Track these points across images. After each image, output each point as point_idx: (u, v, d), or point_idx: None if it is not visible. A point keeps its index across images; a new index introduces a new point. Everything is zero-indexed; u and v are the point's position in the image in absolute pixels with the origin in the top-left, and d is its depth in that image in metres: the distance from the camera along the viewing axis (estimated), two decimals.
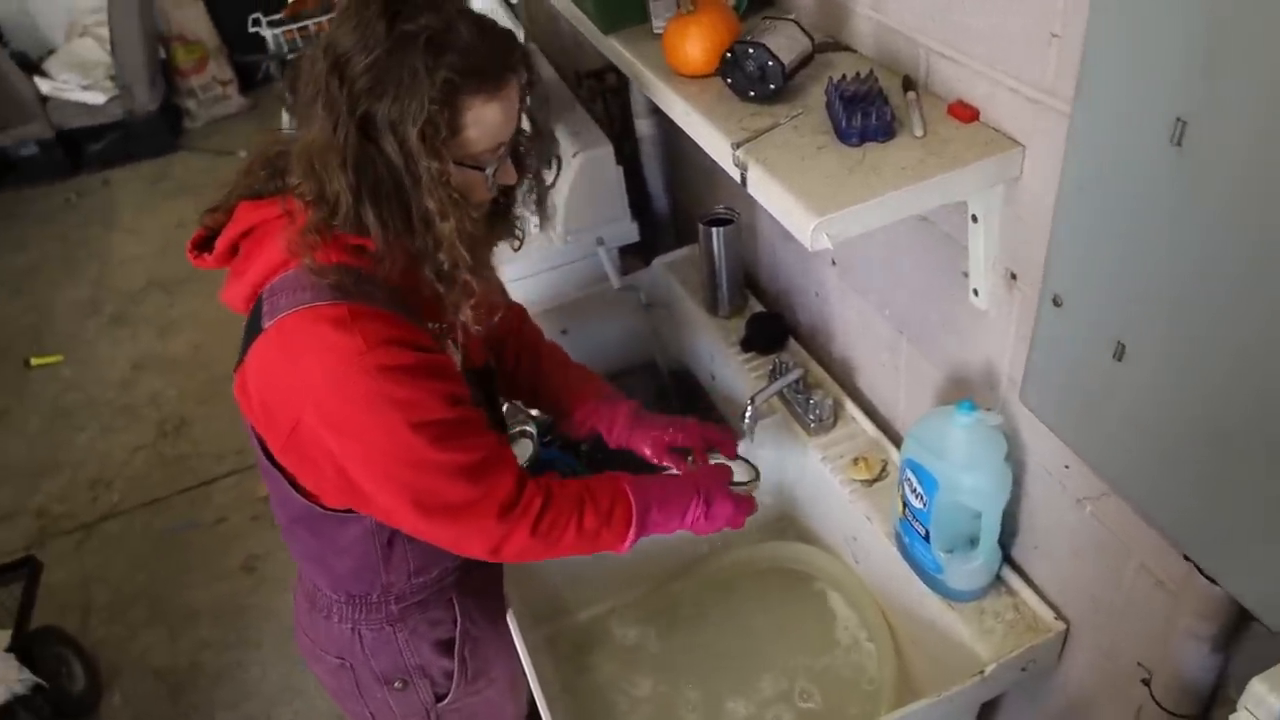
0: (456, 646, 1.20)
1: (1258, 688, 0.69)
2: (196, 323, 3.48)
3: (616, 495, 1.11)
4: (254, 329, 0.96)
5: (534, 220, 1.72)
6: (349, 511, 1.05)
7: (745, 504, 1.23)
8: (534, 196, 1.12)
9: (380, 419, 0.93)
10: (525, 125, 1.05)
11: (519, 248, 1.17)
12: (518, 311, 1.39)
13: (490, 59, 0.92)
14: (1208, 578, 0.76)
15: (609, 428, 1.34)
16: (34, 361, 3.39)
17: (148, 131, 4.53)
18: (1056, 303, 0.78)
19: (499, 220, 1.11)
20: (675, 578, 1.55)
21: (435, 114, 0.88)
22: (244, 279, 0.98)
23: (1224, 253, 0.59)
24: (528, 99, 1.01)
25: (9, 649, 1.95)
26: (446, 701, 1.21)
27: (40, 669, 1.97)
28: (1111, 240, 0.69)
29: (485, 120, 0.93)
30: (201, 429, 3.00)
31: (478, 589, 1.24)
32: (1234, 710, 0.73)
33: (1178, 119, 0.59)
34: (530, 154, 1.08)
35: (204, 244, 1.05)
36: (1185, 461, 0.69)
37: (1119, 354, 0.71)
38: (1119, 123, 0.65)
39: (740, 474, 1.29)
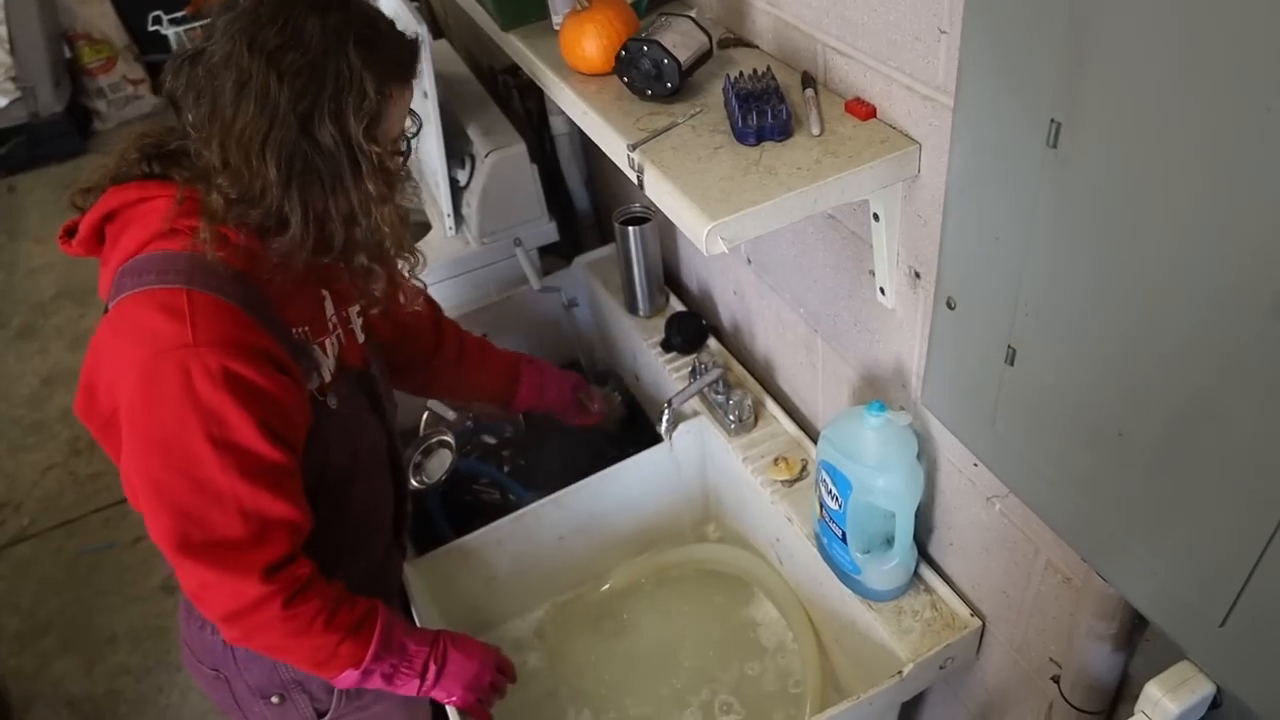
0: None
1: (1153, 691, 0.69)
2: None
3: (372, 607, 1.04)
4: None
5: (448, 221, 1.68)
6: None
7: (489, 657, 1.14)
8: (404, 172, 1.09)
9: (179, 419, 0.86)
10: None
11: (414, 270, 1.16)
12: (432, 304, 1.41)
13: (403, 50, 0.97)
14: (1103, 577, 0.75)
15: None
16: None
17: (54, 134, 4.31)
18: (950, 305, 0.76)
19: None
20: (598, 585, 1.52)
21: (374, 104, 0.91)
22: (108, 265, 0.95)
23: (1099, 256, 0.58)
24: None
25: None
26: (328, 717, 1.16)
27: None
28: (996, 242, 0.68)
29: (402, 107, 0.98)
30: None
31: None
32: (1132, 711, 0.73)
33: (1052, 120, 0.58)
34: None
35: (75, 230, 1.00)
36: (1073, 464, 0.68)
37: (1010, 358, 0.70)
38: (997, 123, 0.63)
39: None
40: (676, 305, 1.69)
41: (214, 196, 0.90)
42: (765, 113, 0.93)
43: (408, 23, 1.57)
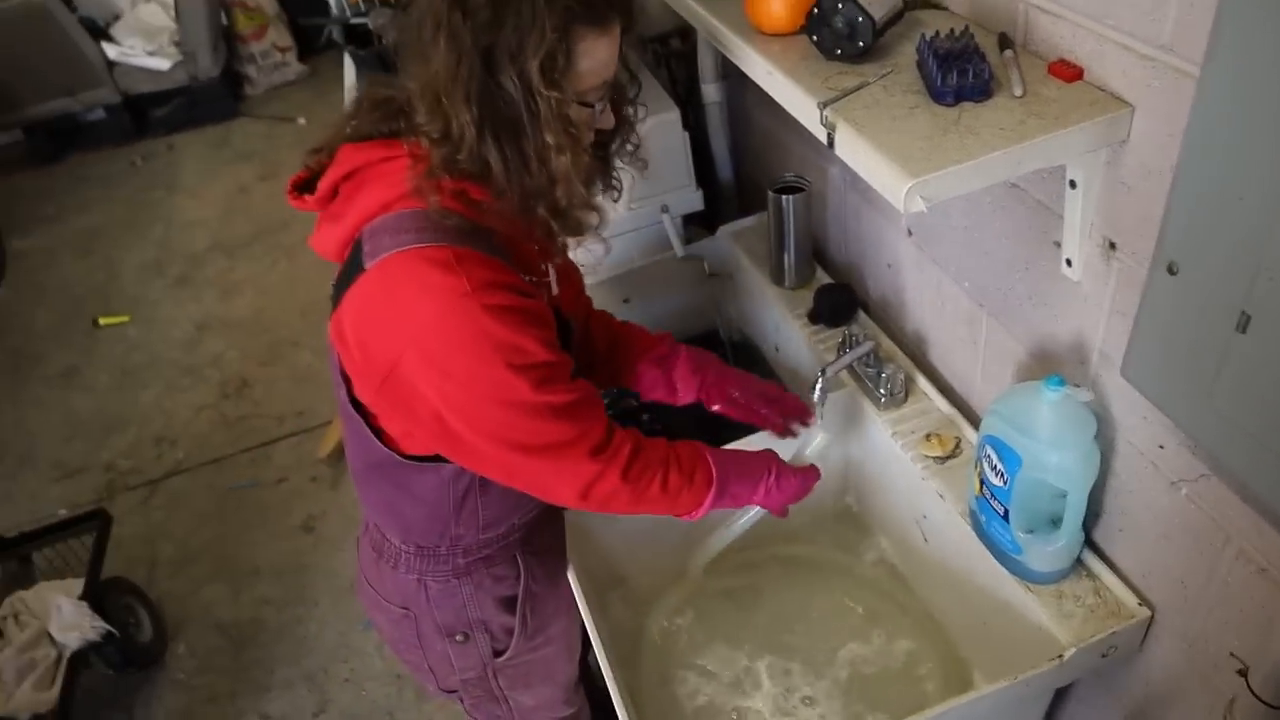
0: (519, 603, 1.21)
1: None
2: (257, 286, 3.53)
3: (698, 460, 1.13)
4: (352, 270, 0.96)
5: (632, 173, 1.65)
6: (428, 460, 1.05)
7: (811, 474, 1.24)
8: (629, 147, 1.10)
9: (482, 359, 0.93)
10: (622, 74, 1.03)
11: (618, 199, 1.16)
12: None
13: None
14: None
15: (687, 387, 1.36)
16: (102, 321, 3.47)
17: (210, 97, 4.59)
18: (1171, 270, 0.73)
19: (600, 169, 1.09)
20: (732, 554, 1.53)
21: (554, 44, 0.88)
22: (342, 222, 0.98)
23: None
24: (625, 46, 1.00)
25: (81, 597, 2.01)
26: (505, 657, 1.22)
27: (110, 618, 2.03)
28: (1240, 202, 0.65)
29: (596, 54, 0.93)
30: (263, 390, 3.05)
31: (541, 549, 1.25)
32: None
33: None
34: (626, 102, 1.07)
35: (304, 185, 1.05)
36: None
37: (1242, 325, 0.67)
38: (1259, 78, 0.60)
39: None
40: (823, 278, 1.68)
41: (430, 148, 0.92)
42: (966, 72, 0.91)
43: None
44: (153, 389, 3.14)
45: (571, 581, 1.31)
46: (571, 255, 1.18)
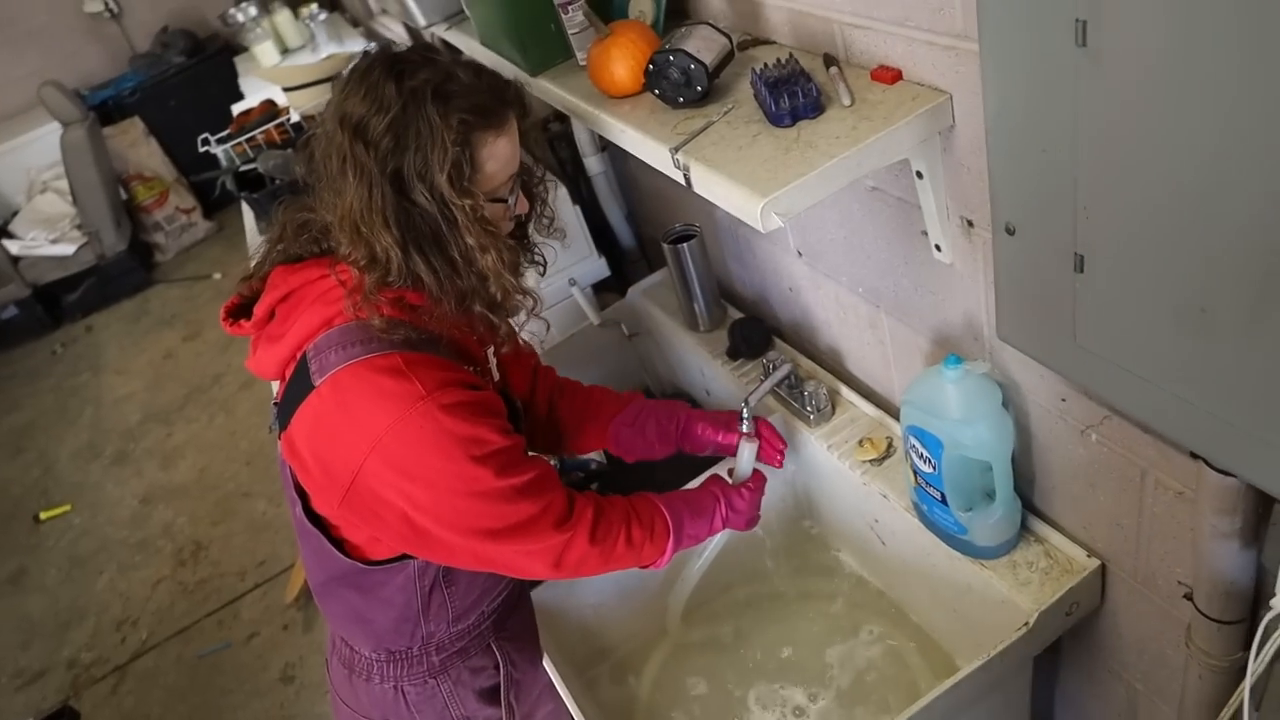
0: (503, 692, 1.19)
1: None
2: (197, 446, 3.48)
3: (655, 511, 1.17)
4: (301, 389, 0.97)
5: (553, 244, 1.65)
6: (393, 561, 1.06)
7: (758, 483, 1.29)
8: (545, 221, 1.16)
9: (447, 456, 0.96)
10: (525, 158, 1.08)
11: (544, 273, 1.22)
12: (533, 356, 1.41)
13: (490, 97, 0.98)
14: (1217, 470, 0.75)
15: (664, 444, 1.38)
16: (44, 515, 3.37)
17: (121, 272, 4.58)
18: (1009, 231, 0.78)
19: (521, 249, 1.14)
20: (708, 604, 1.52)
21: (458, 155, 0.93)
22: (282, 342, 1.00)
23: (1148, 141, 0.60)
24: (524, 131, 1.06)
25: None
26: None
27: None
28: (1044, 155, 0.70)
29: (498, 155, 0.99)
30: (219, 549, 2.98)
31: (515, 634, 1.24)
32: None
33: (1077, 20, 0.60)
34: (535, 183, 1.12)
35: (238, 311, 1.08)
36: (1167, 354, 0.69)
37: (1079, 265, 0.72)
38: (1023, 39, 0.66)
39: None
40: (735, 314, 1.72)
41: (361, 274, 0.96)
42: (796, 94, 0.97)
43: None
44: (106, 573, 3.05)
45: (548, 667, 1.29)
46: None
